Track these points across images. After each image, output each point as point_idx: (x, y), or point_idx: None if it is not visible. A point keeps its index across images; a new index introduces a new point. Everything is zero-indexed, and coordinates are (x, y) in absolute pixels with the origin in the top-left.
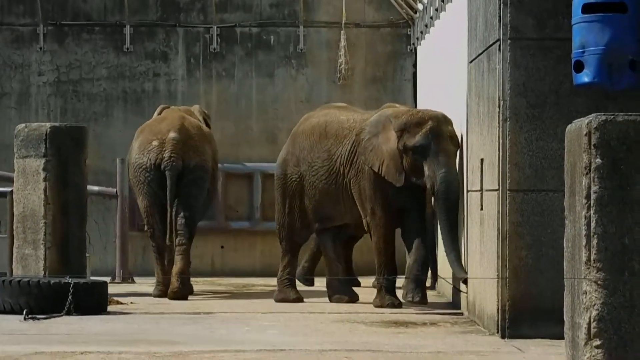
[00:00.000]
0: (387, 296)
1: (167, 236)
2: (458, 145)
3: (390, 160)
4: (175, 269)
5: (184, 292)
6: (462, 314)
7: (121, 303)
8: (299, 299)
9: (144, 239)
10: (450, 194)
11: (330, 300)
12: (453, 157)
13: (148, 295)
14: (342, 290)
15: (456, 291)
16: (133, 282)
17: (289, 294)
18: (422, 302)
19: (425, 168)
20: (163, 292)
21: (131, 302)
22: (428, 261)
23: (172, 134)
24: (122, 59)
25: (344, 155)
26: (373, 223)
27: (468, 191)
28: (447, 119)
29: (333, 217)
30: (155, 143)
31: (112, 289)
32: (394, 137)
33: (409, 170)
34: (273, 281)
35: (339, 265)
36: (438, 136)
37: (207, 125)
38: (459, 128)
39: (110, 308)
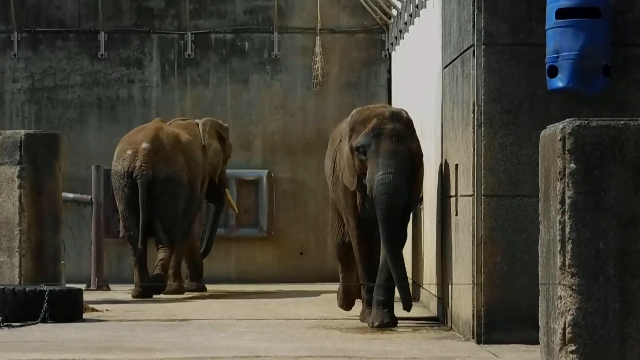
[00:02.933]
0: (366, 310)
1: (139, 240)
2: (409, 147)
3: (346, 163)
4: (155, 272)
5: (158, 287)
6: (437, 319)
7: (96, 310)
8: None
9: (119, 246)
10: (387, 200)
11: None
12: (397, 158)
13: (123, 302)
14: None
15: (430, 295)
16: (108, 289)
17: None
18: (387, 325)
19: (367, 170)
20: (139, 292)
21: (106, 310)
22: (393, 285)
23: (144, 144)
24: (97, 65)
25: (337, 162)
26: (350, 234)
27: (442, 197)
28: (396, 117)
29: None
30: (129, 152)
31: (87, 296)
32: (347, 138)
33: (360, 173)
34: (248, 287)
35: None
36: (379, 135)
37: (221, 137)
38: (433, 133)
39: (85, 315)
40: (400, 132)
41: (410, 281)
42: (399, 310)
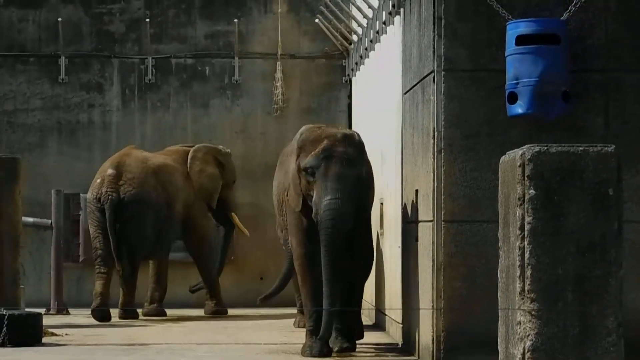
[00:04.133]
0: (308, 342)
1: (114, 262)
2: (360, 171)
3: (292, 182)
4: (120, 301)
5: (126, 317)
6: (396, 344)
7: (56, 334)
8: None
9: (79, 270)
10: (332, 225)
11: None
12: (346, 182)
13: (83, 327)
14: None
15: (390, 320)
16: (68, 313)
17: None
18: (345, 350)
19: (314, 192)
20: (97, 304)
21: (66, 334)
22: (345, 312)
23: (109, 171)
24: (57, 89)
25: (283, 183)
26: (294, 257)
27: (403, 222)
28: (348, 139)
29: None
30: (98, 180)
31: (46, 320)
32: (295, 156)
33: (305, 194)
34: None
35: None
36: (330, 157)
37: (220, 163)
38: (394, 159)
39: (45, 339)
40: (351, 155)
41: (370, 306)
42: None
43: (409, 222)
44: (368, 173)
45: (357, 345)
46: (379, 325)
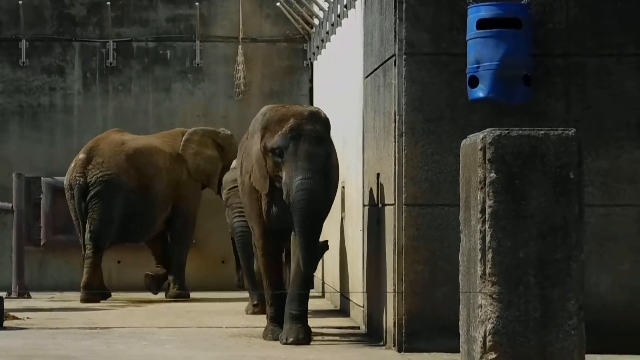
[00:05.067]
0: (270, 326)
1: (84, 246)
2: (327, 149)
3: (256, 164)
4: (82, 280)
5: (91, 298)
6: (359, 327)
7: (17, 318)
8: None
9: (40, 254)
10: (306, 206)
11: None
12: (316, 161)
13: (45, 310)
14: None
15: (352, 304)
16: (29, 297)
17: None
18: (301, 342)
19: (283, 173)
20: (85, 298)
21: (27, 317)
22: (307, 296)
23: (80, 155)
24: (18, 73)
25: (237, 163)
26: (254, 244)
27: (365, 206)
28: (315, 117)
29: None
30: (72, 165)
31: (8, 304)
32: (259, 137)
33: (273, 175)
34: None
35: None
36: (298, 136)
37: (219, 145)
38: (355, 143)
39: (6, 323)
40: (320, 133)
41: (333, 290)
42: (322, 319)
43: (371, 206)
44: (334, 151)
45: (320, 329)
46: (343, 309)
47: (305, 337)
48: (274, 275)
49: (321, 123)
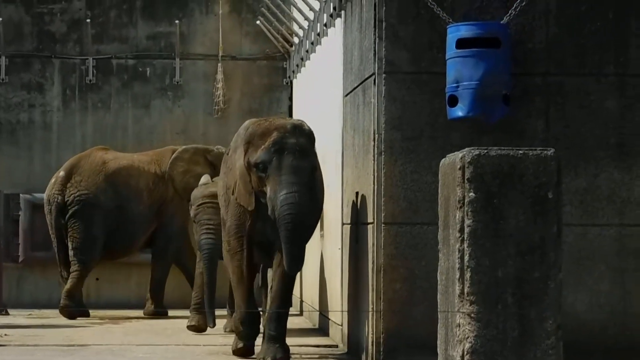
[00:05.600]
0: (239, 343)
1: (59, 263)
2: (312, 162)
3: (240, 179)
4: (64, 288)
5: (69, 309)
6: (337, 346)
7: None
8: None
9: (18, 271)
10: (293, 220)
11: None
12: (300, 175)
13: (23, 327)
14: None
15: (330, 322)
16: (7, 313)
17: None
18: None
19: (267, 188)
20: (63, 303)
21: (5, 334)
22: (286, 316)
23: (60, 172)
24: None
25: (220, 179)
26: (230, 258)
27: (343, 224)
28: (299, 130)
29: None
30: (52, 181)
31: None
32: (242, 152)
33: (257, 191)
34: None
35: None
36: (282, 150)
37: (211, 163)
38: (334, 161)
39: None
40: (303, 146)
41: (311, 309)
42: (300, 338)
43: (350, 224)
44: (318, 163)
45: (297, 347)
46: (322, 328)
47: (283, 356)
48: (249, 291)
49: (305, 136)
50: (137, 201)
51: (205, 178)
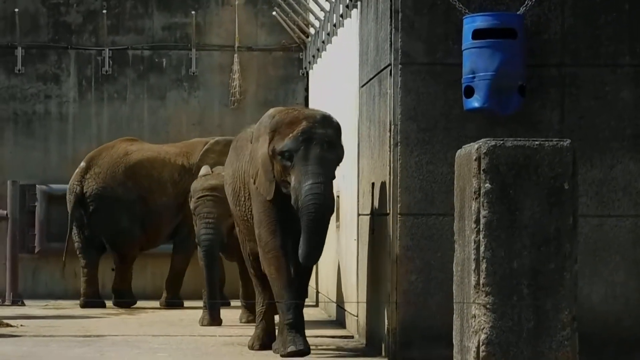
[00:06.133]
0: (287, 336)
1: (81, 252)
2: (339, 154)
3: (262, 168)
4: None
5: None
6: (352, 337)
7: (11, 325)
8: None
9: (34, 262)
10: (317, 210)
11: None
12: (327, 166)
13: (38, 318)
14: None
15: (346, 313)
16: (23, 304)
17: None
18: (302, 352)
19: (292, 178)
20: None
21: (21, 325)
22: (302, 306)
23: (82, 164)
24: (13, 80)
25: (241, 170)
26: (260, 252)
27: (359, 215)
28: (327, 121)
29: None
30: (76, 171)
31: (1, 311)
32: (266, 140)
33: (279, 180)
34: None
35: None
36: (310, 140)
37: None
38: (350, 152)
39: None
40: (331, 138)
41: (327, 300)
42: (316, 328)
43: (365, 215)
44: (342, 156)
45: (312, 338)
46: (338, 319)
47: (305, 347)
48: (288, 281)
49: (333, 127)
50: (161, 193)
51: (205, 169)
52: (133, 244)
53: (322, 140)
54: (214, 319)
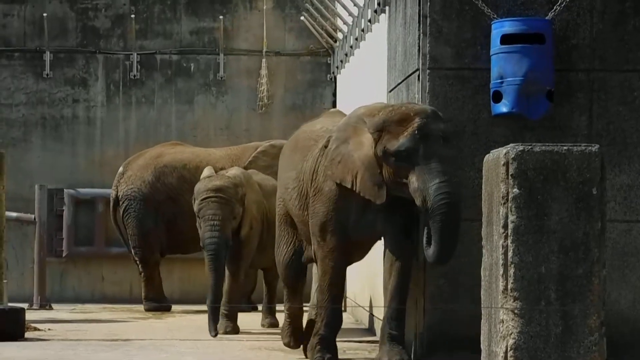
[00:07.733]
0: (317, 347)
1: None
2: (454, 149)
3: (366, 171)
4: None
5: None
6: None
7: (38, 329)
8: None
9: (62, 265)
10: (450, 210)
11: None
12: (448, 163)
13: (66, 322)
14: None
15: (373, 318)
16: (51, 308)
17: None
18: None
19: (413, 178)
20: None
21: (48, 329)
22: (404, 314)
23: (120, 169)
24: (42, 84)
25: (307, 172)
26: (320, 254)
27: None
28: (437, 115)
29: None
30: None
31: (29, 315)
32: (369, 140)
33: (391, 182)
34: (191, 307)
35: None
36: (427, 136)
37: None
38: None
39: (27, 334)
40: (447, 132)
41: (355, 304)
42: (344, 333)
43: None
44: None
45: (339, 342)
46: (366, 324)
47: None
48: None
49: (444, 122)
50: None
51: (208, 170)
52: (154, 248)
53: (439, 136)
54: (212, 331)
